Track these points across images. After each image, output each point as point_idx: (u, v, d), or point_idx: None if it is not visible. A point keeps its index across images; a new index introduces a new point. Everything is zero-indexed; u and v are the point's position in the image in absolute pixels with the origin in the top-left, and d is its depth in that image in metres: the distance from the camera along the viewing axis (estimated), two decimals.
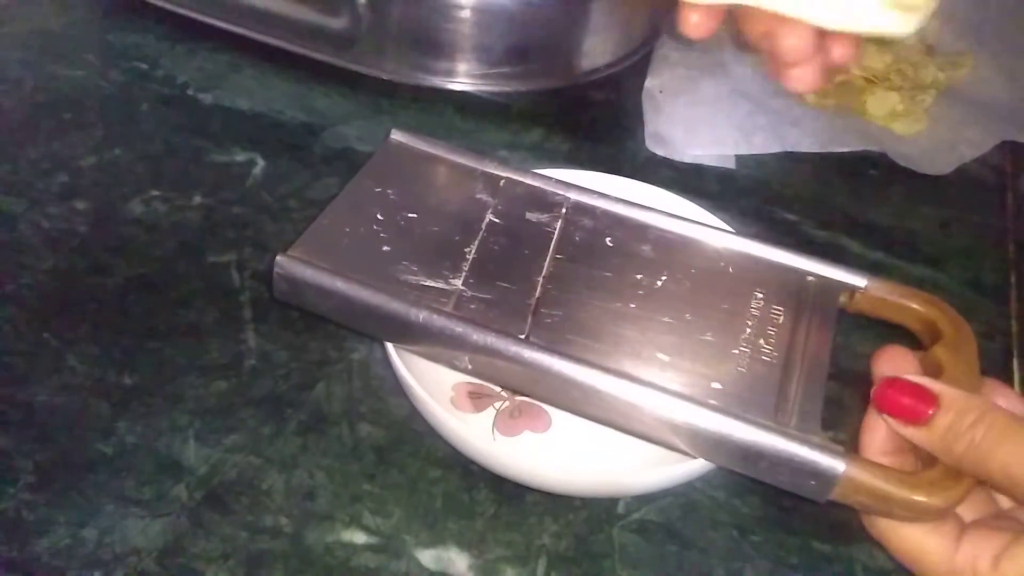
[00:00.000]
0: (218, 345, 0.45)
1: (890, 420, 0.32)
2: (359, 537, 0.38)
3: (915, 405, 0.32)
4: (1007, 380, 0.47)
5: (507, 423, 0.42)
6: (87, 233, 0.49)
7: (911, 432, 0.32)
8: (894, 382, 0.33)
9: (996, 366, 0.47)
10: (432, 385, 0.38)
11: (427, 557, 0.38)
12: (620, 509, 0.40)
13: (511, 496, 0.40)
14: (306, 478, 0.40)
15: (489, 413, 0.42)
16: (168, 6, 0.62)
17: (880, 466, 0.32)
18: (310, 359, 0.45)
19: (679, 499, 0.40)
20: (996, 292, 0.52)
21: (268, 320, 0.46)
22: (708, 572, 0.38)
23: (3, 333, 0.44)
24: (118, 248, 0.49)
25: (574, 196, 0.42)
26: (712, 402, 0.34)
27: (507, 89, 0.59)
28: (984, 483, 0.32)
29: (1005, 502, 0.34)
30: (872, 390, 0.33)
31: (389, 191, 0.41)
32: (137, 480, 0.39)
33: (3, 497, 0.38)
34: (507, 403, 0.43)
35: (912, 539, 0.32)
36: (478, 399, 0.43)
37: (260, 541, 0.38)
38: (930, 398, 0.32)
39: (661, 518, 0.40)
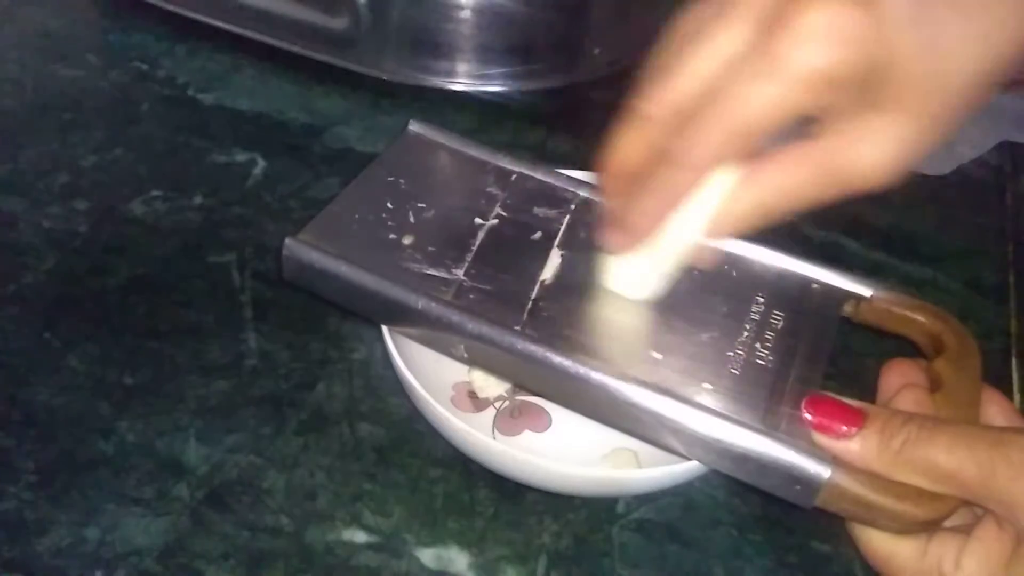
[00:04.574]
0: (219, 345, 0.45)
1: (821, 438, 0.32)
2: (359, 536, 0.38)
3: (844, 421, 0.32)
4: (1006, 380, 0.47)
5: (507, 422, 0.42)
6: (87, 233, 0.50)
7: (843, 448, 0.32)
8: (822, 401, 0.33)
9: (996, 366, 0.47)
10: (433, 385, 0.38)
11: (427, 556, 0.38)
12: (620, 508, 0.40)
13: (511, 495, 0.40)
14: (307, 477, 0.40)
15: (489, 413, 0.42)
16: (168, 6, 0.62)
17: (866, 474, 0.31)
18: (311, 359, 0.45)
19: (679, 499, 0.41)
20: (995, 292, 0.52)
21: (269, 320, 0.46)
22: (708, 572, 0.38)
23: (3, 333, 0.44)
24: (119, 248, 0.49)
25: (584, 193, 0.42)
26: (698, 401, 0.33)
27: (507, 89, 0.59)
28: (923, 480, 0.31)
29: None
30: (802, 405, 0.33)
31: (401, 181, 0.41)
32: (138, 480, 0.39)
33: (4, 497, 0.38)
34: (507, 403, 0.43)
35: (883, 542, 0.32)
36: (478, 398, 0.43)
37: (261, 540, 0.38)
38: (856, 415, 0.32)
39: (661, 517, 0.40)
